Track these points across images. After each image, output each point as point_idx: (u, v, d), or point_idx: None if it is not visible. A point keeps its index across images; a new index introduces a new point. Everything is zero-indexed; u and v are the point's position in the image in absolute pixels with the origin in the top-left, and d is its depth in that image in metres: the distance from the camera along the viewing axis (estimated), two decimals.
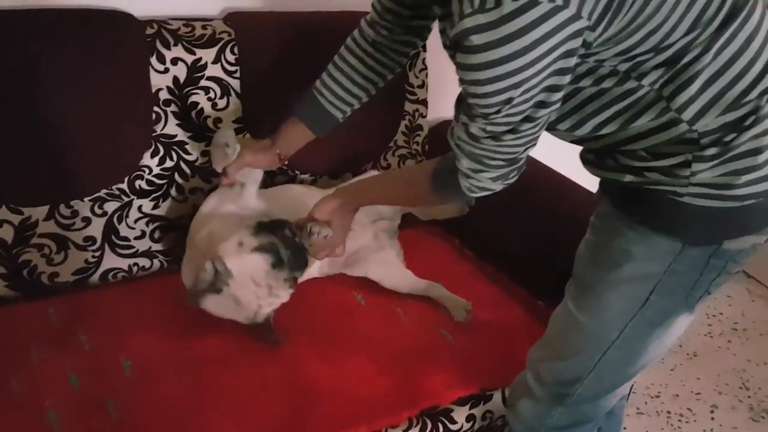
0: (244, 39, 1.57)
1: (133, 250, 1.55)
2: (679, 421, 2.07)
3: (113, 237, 1.52)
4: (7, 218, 1.39)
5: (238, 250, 1.27)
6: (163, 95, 1.50)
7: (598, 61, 0.93)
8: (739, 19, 0.90)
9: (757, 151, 0.95)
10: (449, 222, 1.83)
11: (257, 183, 1.50)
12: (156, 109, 1.50)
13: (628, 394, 1.69)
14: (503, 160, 1.01)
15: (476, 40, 0.83)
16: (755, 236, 1.04)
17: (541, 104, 0.92)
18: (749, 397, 2.19)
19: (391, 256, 1.65)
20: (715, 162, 0.95)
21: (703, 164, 0.96)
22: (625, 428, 1.99)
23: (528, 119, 0.93)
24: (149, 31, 1.48)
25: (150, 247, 1.57)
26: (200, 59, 1.52)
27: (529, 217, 1.67)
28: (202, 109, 1.55)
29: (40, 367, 1.27)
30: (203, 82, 1.54)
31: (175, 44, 1.50)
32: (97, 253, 1.51)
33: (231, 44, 1.55)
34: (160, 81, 1.49)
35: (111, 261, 1.53)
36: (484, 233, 1.76)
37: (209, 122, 1.57)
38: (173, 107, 1.52)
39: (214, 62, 1.54)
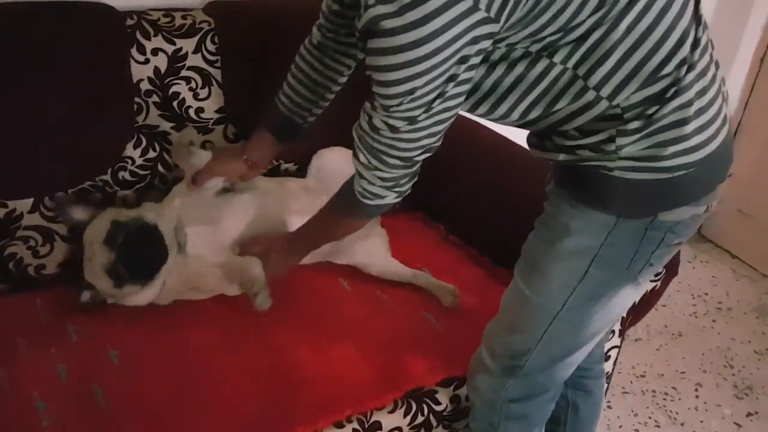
0: (224, 28, 1.57)
1: None
2: (664, 399, 2.10)
3: None
4: None
5: (114, 212, 1.40)
6: (145, 86, 1.51)
7: (510, 45, 0.95)
8: None
9: (683, 122, 0.97)
10: (433, 208, 1.85)
11: (213, 190, 1.51)
12: (137, 99, 1.51)
13: (611, 375, 1.72)
14: (399, 158, 1.05)
15: (384, 25, 0.87)
16: (692, 207, 1.06)
17: (440, 95, 0.94)
18: (733, 375, 2.22)
19: (378, 243, 1.66)
20: (639, 135, 0.97)
21: (626, 138, 0.98)
22: (610, 407, 2.02)
23: (426, 110, 0.96)
24: (129, 22, 1.49)
25: None
26: (181, 49, 1.53)
27: (512, 201, 1.68)
28: (183, 99, 1.56)
29: (28, 357, 1.28)
30: (184, 72, 1.54)
31: (155, 35, 1.50)
32: (82, 245, 1.51)
33: (211, 34, 1.56)
34: (140, 72, 1.50)
35: None
36: (468, 218, 1.77)
37: (191, 112, 1.57)
38: (155, 98, 1.53)
39: (195, 52, 1.54)
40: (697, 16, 0.98)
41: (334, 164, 1.70)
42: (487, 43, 0.91)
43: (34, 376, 1.24)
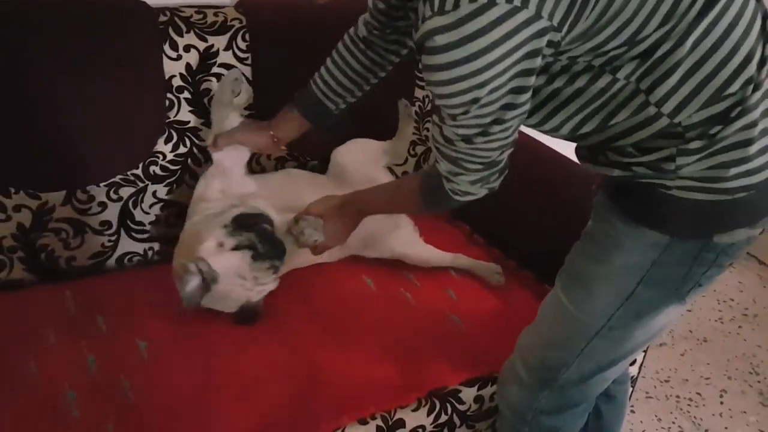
0: (255, 26, 1.59)
1: (148, 235, 1.58)
2: (689, 405, 2.08)
3: (129, 222, 1.55)
4: (25, 203, 1.42)
5: (219, 250, 1.30)
6: (176, 82, 1.52)
7: (571, 58, 0.93)
8: (718, 9, 0.89)
9: (746, 143, 0.94)
10: (458, 208, 1.84)
11: (242, 165, 1.53)
12: (169, 95, 1.52)
13: (636, 380, 1.70)
14: (480, 163, 1.03)
15: (438, 41, 0.85)
16: (748, 229, 1.02)
17: (509, 106, 0.93)
18: (759, 382, 2.20)
19: (410, 232, 1.67)
20: (701, 155, 0.94)
21: (687, 158, 0.95)
22: (633, 412, 2.01)
23: (497, 122, 0.94)
24: (162, 18, 1.50)
25: (165, 232, 1.59)
26: (212, 46, 1.54)
27: (538, 203, 1.68)
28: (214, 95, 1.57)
29: (58, 348, 1.30)
30: (215, 69, 1.55)
31: (188, 31, 1.52)
32: (113, 238, 1.54)
33: (242, 31, 1.57)
34: (173, 68, 1.51)
35: (127, 245, 1.56)
36: (493, 219, 1.77)
37: None
38: (186, 94, 1.54)
39: (226, 49, 1.56)
40: (764, 33, 0.95)
41: (352, 158, 1.72)
42: (548, 52, 0.90)
43: (64, 366, 1.26)
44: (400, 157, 1.81)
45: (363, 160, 1.73)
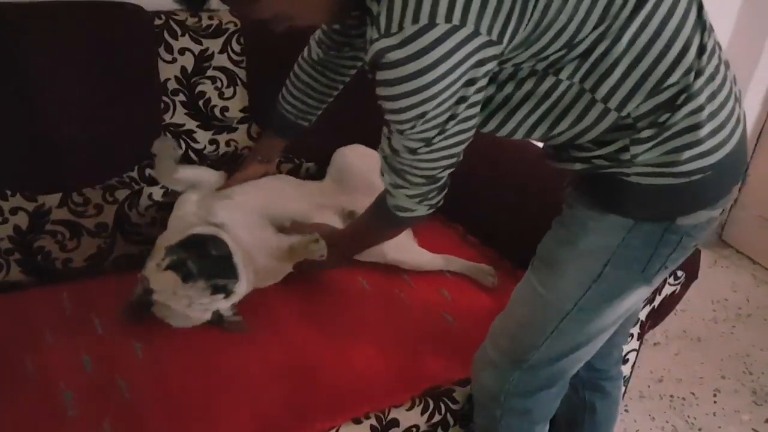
0: (250, 29, 1.60)
1: (143, 237, 1.59)
2: (682, 404, 2.09)
3: (124, 224, 1.56)
4: (21, 206, 1.44)
5: (156, 269, 1.34)
6: (171, 85, 1.54)
7: (516, 65, 0.98)
8: (650, 5, 0.93)
9: (696, 127, 0.98)
10: (452, 208, 1.85)
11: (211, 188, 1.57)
12: (164, 98, 1.54)
13: (629, 379, 1.72)
14: (422, 176, 1.08)
15: (389, 57, 0.90)
16: (709, 210, 1.07)
17: (452, 117, 0.97)
18: (752, 381, 2.21)
19: (402, 237, 1.67)
20: (653, 143, 0.99)
21: (640, 146, 0.99)
22: (627, 411, 2.02)
23: (441, 132, 0.99)
24: (157, 21, 1.51)
25: (160, 234, 1.60)
26: (207, 49, 1.55)
27: (531, 203, 1.69)
28: (209, 98, 1.58)
29: (54, 349, 1.31)
30: (210, 72, 1.57)
31: (183, 35, 1.53)
32: (109, 240, 1.55)
33: (237, 34, 1.58)
34: (168, 71, 1.53)
35: (123, 247, 1.57)
36: (487, 219, 1.78)
37: (216, 111, 1.60)
38: (181, 97, 1.55)
39: (221, 52, 1.57)
40: (701, 21, 0.99)
41: (354, 163, 1.73)
42: (492, 65, 0.94)
43: (60, 366, 1.27)
44: None
45: (366, 165, 1.74)
